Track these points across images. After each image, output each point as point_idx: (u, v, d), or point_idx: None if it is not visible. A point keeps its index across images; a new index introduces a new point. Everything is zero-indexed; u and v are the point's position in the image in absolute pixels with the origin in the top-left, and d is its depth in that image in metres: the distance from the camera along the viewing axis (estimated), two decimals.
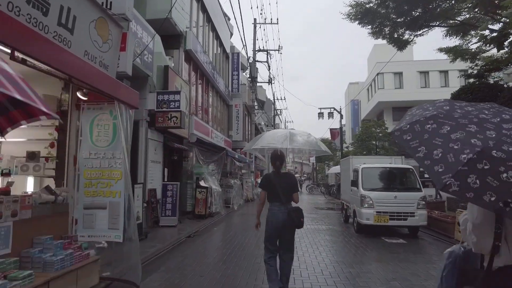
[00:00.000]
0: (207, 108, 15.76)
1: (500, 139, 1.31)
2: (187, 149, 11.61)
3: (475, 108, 1.59)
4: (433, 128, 1.46)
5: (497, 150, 1.27)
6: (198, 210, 11.19)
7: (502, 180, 1.20)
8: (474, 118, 1.47)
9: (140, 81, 9.59)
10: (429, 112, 1.59)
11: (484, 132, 1.36)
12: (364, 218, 8.03)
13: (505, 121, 1.44)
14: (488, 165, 1.24)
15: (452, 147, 1.33)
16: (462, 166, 1.25)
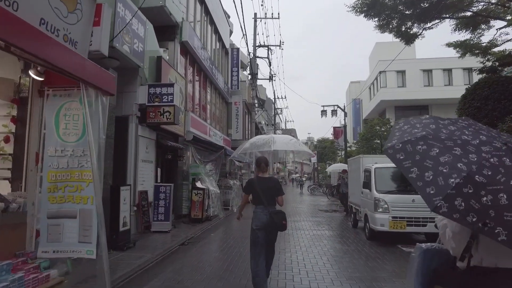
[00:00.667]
0: (205, 105, 14.86)
1: (480, 162, 1.46)
2: (182, 148, 10.70)
3: (457, 128, 1.71)
4: (424, 149, 1.57)
5: (479, 175, 1.42)
6: (194, 213, 10.29)
7: (482, 203, 1.36)
8: (458, 140, 1.61)
9: (130, 72, 8.70)
10: (418, 131, 1.70)
11: (467, 155, 1.51)
12: (378, 224, 7.13)
13: (483, 143, 1.58)
14: (472, 189, 1.39)
15: (442, 171, 1.47)
16: (450, 190, 1.40)
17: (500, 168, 1.43)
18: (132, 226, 8.33)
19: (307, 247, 7.01)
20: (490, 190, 1.37)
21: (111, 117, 7.15)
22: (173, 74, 10.01)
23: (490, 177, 1.40)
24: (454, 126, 1.74)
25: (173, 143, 10.10)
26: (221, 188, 13.88)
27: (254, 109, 19.01)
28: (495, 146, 1.55)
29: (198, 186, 10.41)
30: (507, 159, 1.47)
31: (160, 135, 9.77)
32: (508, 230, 1.29)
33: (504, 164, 1.45)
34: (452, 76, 32.92)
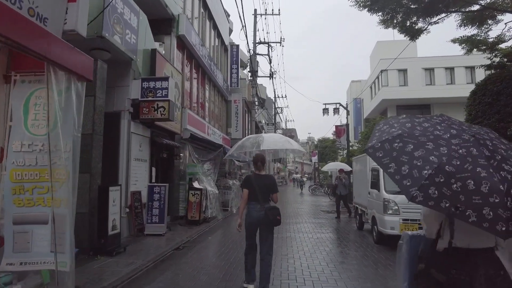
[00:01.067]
0: (203, 102, 14.30)
1: (450, 154, 1.61)
2: (179, 146, 10.15)
3: (430, 124, 1.87)
4: (400, 146, 1.73)
5: (449, 165, 1.57)
6: (191, 215, 9.73)
7: (453, 189, 1.51)
8: (430, 135, 1.76)
9: (122, 66, 8.15)
10: (395, 130, 1.85)
11: (439, 148, 1.65)
12: (388, 227, 6.57)
13: (453, 136, 1.74)
14: (443, 178, 1.54)
15: (416, 164, 1.61)
16: (424, 180, 1.55)
17: (468, 158, 1.58)
18: (124, 229, 7.79)
19: (311, 252, 6.45)
20: (459, 178, 1.51)
21: (100, 112, 6.60)
22: (169, 69, 9.46)
23: (459, 166, 1.55)
24: (428, 123, 1.88)
25: (169, 141, 9.54)
26: (220, 188, 13.31)
27: (254, 107, 18.44)
28: (464, 138, 1.70)
29: (195, 186, 9.85)
30: (474, 149, 1.63)
31: (155, 132, 9.21)
32: (477, 211, 1.44)
33: (471, 154, 1.60)
34: (454, 74, 32.35)
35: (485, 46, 14.11)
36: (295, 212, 13.77)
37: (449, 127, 1.82)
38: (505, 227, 1.39)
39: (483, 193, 1.46)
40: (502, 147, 1.71)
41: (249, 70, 18.35)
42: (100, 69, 6.60)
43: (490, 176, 1.50)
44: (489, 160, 1.58)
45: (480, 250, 1.73)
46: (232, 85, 18.30)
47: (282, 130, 41.63)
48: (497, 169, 1.54)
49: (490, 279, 1.68)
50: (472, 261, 1.72)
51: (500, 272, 1.71)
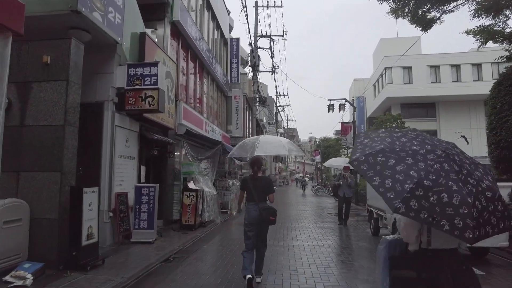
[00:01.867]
0: (201, 96, 13.23)
1: (427, 169, 1.76)
2: (172, 143, 9.07)
3: (407, 139, 1.99)
4: (383, 160, 1.85)
5: (427, 179, 1.71)
6: (186, 219, 8.65)
7: (430, 202, 1.67)
8: (409, 150, 1.89)
9: (106, 50, 7.10)
10: (377, 145, 1.97)
11: (417, 164, 1.80)
12: None
13: (428, 152, 1.88)
14: (422, 192, 1.69)
15: (398, 178, 1.75)
16: (406, 193, 1.69)
17: (441, 173, 1.75)
18: (107, 236, 6.73)
19: (325, 267, 5.35)
20: (435, 191, 1.69)
21: (74, 100, 5.53)
22: (161, 56, 8.39)
23: (435, 181, 1.72)
24: (405, 137, 2.02)
25: (161, 137, 8.47)
26: (219, 189, 12.24)
27: (255, 103, 17.37)
28: (437, 154, 1.86)
29: (190, 187, 8.77)
30: (446, 164, 1.80)
31: (145, 127, 8.15)
32: (450, 221, 1.62)
33: (444, 169, 1.78)
34: (460, 72, 31.23)
35: (502, 38, 13.02)
36: (299, 215, 12.68)
37: (423, 142, 1.96)
38: (472, 235, 1.59)
39: (454, 205, 1.64)
40: (467, 162, 1.89)
41: (250, 64, 17.29)
42: (75, 49, 5.53)
43: (460, 189, 1.69)
44: (458, 175, 1.76)
45: (447, 250, 1.94)
46: (232, 80, 17.23)
47: (283, 129, 40.56)
48: (464, 183, 1.73)
49: (455, 273, 1.91)
50: (440, 260, 1.92)
51: (462, 267, 1.96)
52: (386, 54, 32.54)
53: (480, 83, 30.77)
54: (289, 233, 8.38)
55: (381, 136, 2.06)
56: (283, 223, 9.94)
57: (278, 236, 7.93)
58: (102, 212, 6.71)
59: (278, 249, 6.63)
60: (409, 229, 2.02)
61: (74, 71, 5.53)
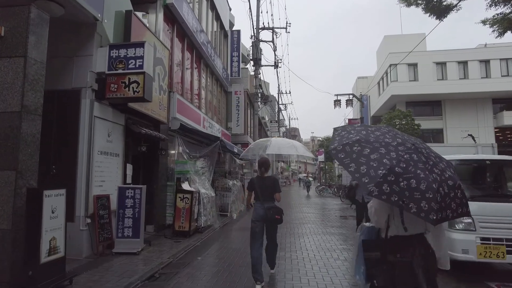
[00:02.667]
0: (199, 90, 12.14)
1: (398, 158, 1.94)
2: (165, 139, 7.98)
3: (381, 133, 2.19)
4: (359, 150, 2.02)
5: (398, 167, 1.89)
6: (179, 224, 7.56)
7: (401, 187, 1.84)
8: (382, 142, 2.07)
9: (84, 29, 6.05)
10: (353, 136, 2.15)
11: (389, 153, 1.97)
12: (458, 250, 4.37)
13: (399, 144, 2.07)
14: (393, 177, 1.86)
15: (372, 165, 1.91)
16: (379, 178, 1.85)
17: (411, 162, 1.94)
18: (84, 246, 5.65)
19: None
20: (405, 177, 1.86)
21: (36, 82, 4.44)
22: (151, 40, 7.29)
23: (405, 168, 1.89)
24: (379, 131, 2.21)
25: (150, 131, 7.38)
26: (218, 190, 11.15)
27: (257, 100, 16.27)
28: (407, 146, 2.05)
29: (184, 189, 7.68)
30: (415, 155, 1.99)
31: (132, 119, 7.06)
32: (417, 204, 1.79)
33: (413, 159, 1.96)
34: (467, 69, 30.02)
35: None
36: (305, 218, 11.56)
37: (395, 137, 2.16)
38: (435, 217, 1.77)
39: (421, 190, 1.82)
40: (432, 155, 2.11)
41: (252, 58, 16.20)
42: (37, 19, 4.44)
43: (427, 177, 1.87)
44: (425, 165, 1.96)
45: (416, 235, 2.14)
46: (232, 75, 16.14)
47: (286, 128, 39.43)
48: (431, 172, 1.92)
49: (424, 256, 2.11)
50: (412, 244, 2.12)
51: (429, 251, 2.16)
52: (390, 51, 31.42)
53: (488, 80, 29.61)
54: (297, 241, 7.27)
55: (357, 129, 2.25)
56: (289, 228, 8.84)
57: (285, 244, 6.84)
58: (78, 218, 5.66)
59: (286, 262, 5.53)
60: (379, 214, 2.26)
61: (36, 46, 4.44)
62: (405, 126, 17.37)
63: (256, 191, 4.57)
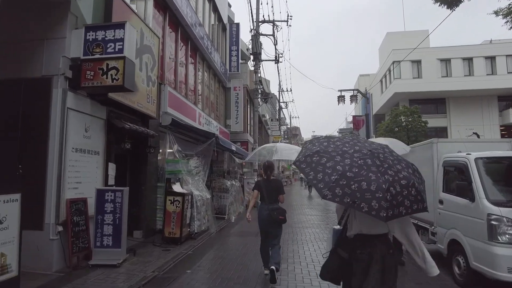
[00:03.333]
0: (195, 85, 11.32)
1: (351, 164, 2.10)
2: (154, 135, 7.15)
3: (341, 143, 2.35)
4: (317, 159, 2.20)
5: (350, 172, 2.05)
6: (170, 230, 6.74)
7: (352, 189, 1.98)
8: (339, 151, 2.24)
9: (55, 8, 5.21)
10: (315, 148, 2.32)
11: (344, 160, 2.14)
12: (503, 268, 3.51)
13: (356, 151, 2.22)
14: (345, 181, 2.01)
15: (327, 172, 2.08)
16: (332, 183, 2.01)
17: (364, 166, 2.08)
18: (55, 258, 4.83)
19: None
20: (356, 181, 2.00)
21: None
22: (137, 24, 6.44)
23: (357, 173, 2.04)
24: (340, 141, 2.37)
25: (137, 126, 6.56)
26: (215, 190, 10.33)
27: (257, 96, 15.43)
28: (363, 152, 2.19)
29: (175, 191, 6.85)
30: (369, 160, 2.13)
31: (115, 113, 6.23)
32: (368, 204, 1.92)
33: (367, 164, 2.10)
34: (473, 65, 29.09)
35: None
36: (309, 222, 10.72)
37: (354, 145, 2.30)
38: (385, 214, 1.89)
39: (372, 191, 1.94)
40: (390, 158, 2.21)
41: (252, 52, 15.35)
42: None
43: (378, 178, 2.00)
44: (379, 168, 2.08)
45: (377, 235, 2.26)
46: (231, 70, 15.31)
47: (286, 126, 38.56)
48: (383, 174, 2.04)
49: (383, 255, 2.20)
50: (372, 243, 2.24)
51: (389, 251, 2.26)
52: (393, 48, 30.52)
53: (493, 77, 28.69)
54: (300, 250, 6.44)
55: (320, 141, 2.42)
56: (291, 234, 8.02)
57: (287, 254, 6.01)
58: (47, 226, 4.84)
59: (289, 278, 4.70)
60: (338, 212, 2.57)
61: None
62: (411, 123, 16.50)
63: (262, 192, 4.74)
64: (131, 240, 6.81)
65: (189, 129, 8.26)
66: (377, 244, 2.22)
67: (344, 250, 2.32)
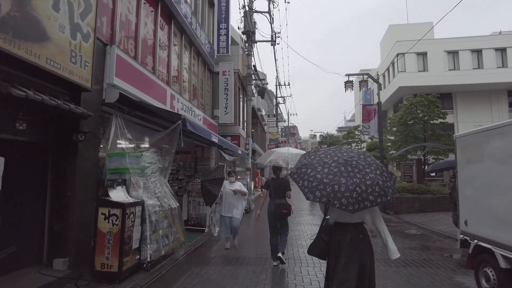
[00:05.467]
0: (169, 60, 8.77)
1: (328, 172, 2.60)
2: (87, 115, 4.59)
3: (325, 155, 2.85)
4: (304, 171, 2.71)
5: (326, 178, 2.55)
6: (103, 261, 4.21)
7: (327, 191, 2.48)
8: (321, 162, 2.74)
9: None
10: (304, 161, 2.84)
11: (323, 170, 2.64)
12: None
13: (334, 161, 2.71)
14: (322, 186, 2.52)
15: (310, 180, 2.60)
16: (313, 188, 2.54)
17: (338, 173, 2.58)
18: None
19: None
20: (331, 184, 2.49)
21: None
22: None
23: (332, 179, 2.53)
24: (324, 154, 2.88)
25: (52, 99, 4.01)
26: (191, 195, 7.80)
27: (250, 82, 12.90)
28: (339, 162, 2.68)
29: (111, 200, 4.31)
30: (343, 167, 2.62)
31: (14, 75, 3.70)
32: (339, 201, 2.42)
33: (340, 170, 2.60)
34: (482, 58, 26.72)
35: None
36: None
37: (334, 155, 2.80)
38: (352, 207, 2.40)
39: (341, 191, 2.44)
40: (362, 164, 2.67)
41: (244, 31, 12.83)
42: None
43: (347, 182, 2.49)
44: (349, 173, 2.56)
45: (351, 223, 2.76)
46: (220, 51, 12.76)
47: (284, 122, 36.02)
48: (352, 177, 2.52)
49: (353, 238, 2.71)
50: (345, 229, 2.76)
51: (360, 236, 2.73)
52: (397, 40, 28.11)
53: (504, 70, 26.35)
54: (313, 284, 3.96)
55: (309, 154, 2.97)
56: (293, 254, 5.55)
57: None
58: None
59: None
60: (321, 209, 2.98)
61: None
62: (429, 114, 14.05)
63: (270, 190, 5.32)
64: (44, 274, 4.29)
65: (145, 109, 5.71)
66: (349, 230, 2.74)
67: (325, 234, 2.84)
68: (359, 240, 2.69)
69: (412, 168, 12.75)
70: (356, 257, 2.62)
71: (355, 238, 2.69)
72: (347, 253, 2.63)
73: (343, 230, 2.74)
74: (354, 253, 2.63)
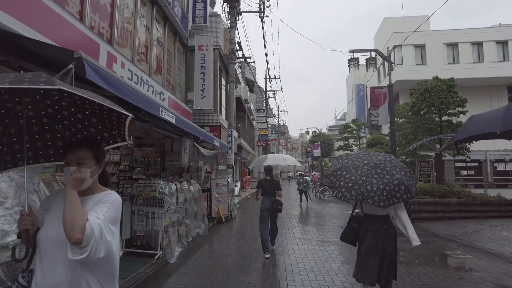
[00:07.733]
0: (112, 10, 6.08)
1: (361, 174, 3.01)
2: None
3: (356, 159, 3.26)
4: (339, 173, 3.13)
5: (360, 179, 2.97)
6: None
7: (362, 190, 2.90)
8: (354, 165, 3.15)
9: None
10: (339, 164, 3.28)
11: (357, 172, 3.05)
12: None
13: (365, 164, 3.11)
14: (357, 186, 2.94)
15: (346, 181, 3.02)
16: (349, 187, 2.96)
17: (369, 175, 2.99)
18: None
19: None
20: (364, 185, 2.92)
21: None
22: None
23: (365, 180, 2.95)
24: (356, 157, 3.31)
25: None
26: (138, 203, 5.14)
27: (233, 60, 10.29)
28: (369, 165, 3.10)
29: None
30: (373, 170, 3.03)
31: None
32: (372, 198, 2.85)
33: (371, 172, 3.01)
34: (483, 50, 24.80)
35: None
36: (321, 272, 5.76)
37: (365, 159, 3.21)
38: (383, 204, 2.85)
39: (374, 190, 2.87)
40: (389, 166, 3.09)
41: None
42: None
43: (378, 182, 2.92)
44: (379, 174, 2.99)
45: (377, 216, 3.18)
46: (195, 21, 10.11)
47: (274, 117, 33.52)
48: (382, 178, 2.95)
49: (376, 228, 3.16)
50: (371, 220, 3.20)
51: (383, 226, 3.15)
52: (393, 31, 25.98)
53: (505, 63, 24.51)
54: None
55: (342, 158, 3.41)
56: None
57: None
58: None
59: None
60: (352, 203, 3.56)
61: None
62: (448, 101, 11.74)
63: (264, 189, 5.93)
64: None
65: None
66: (374, 220, 3.19)
67: (354, 222, 3.31)
68: (383, 230, 3.14)
69: (430, 165, 10.35)
70: (378, 245, 3.10)
71: (379, 228, 3.15)
72: (370, 240, 3.14)
73: (371, 220, 3.21)
74: (376, 241, 3.12)
